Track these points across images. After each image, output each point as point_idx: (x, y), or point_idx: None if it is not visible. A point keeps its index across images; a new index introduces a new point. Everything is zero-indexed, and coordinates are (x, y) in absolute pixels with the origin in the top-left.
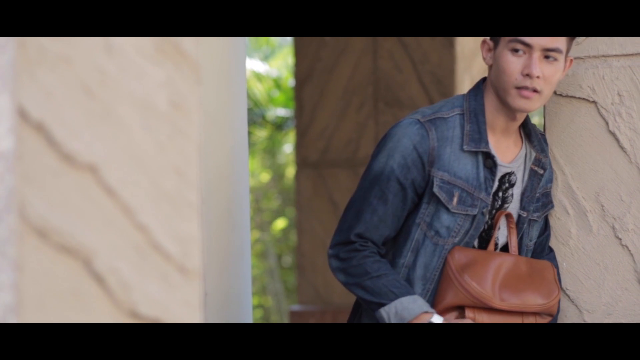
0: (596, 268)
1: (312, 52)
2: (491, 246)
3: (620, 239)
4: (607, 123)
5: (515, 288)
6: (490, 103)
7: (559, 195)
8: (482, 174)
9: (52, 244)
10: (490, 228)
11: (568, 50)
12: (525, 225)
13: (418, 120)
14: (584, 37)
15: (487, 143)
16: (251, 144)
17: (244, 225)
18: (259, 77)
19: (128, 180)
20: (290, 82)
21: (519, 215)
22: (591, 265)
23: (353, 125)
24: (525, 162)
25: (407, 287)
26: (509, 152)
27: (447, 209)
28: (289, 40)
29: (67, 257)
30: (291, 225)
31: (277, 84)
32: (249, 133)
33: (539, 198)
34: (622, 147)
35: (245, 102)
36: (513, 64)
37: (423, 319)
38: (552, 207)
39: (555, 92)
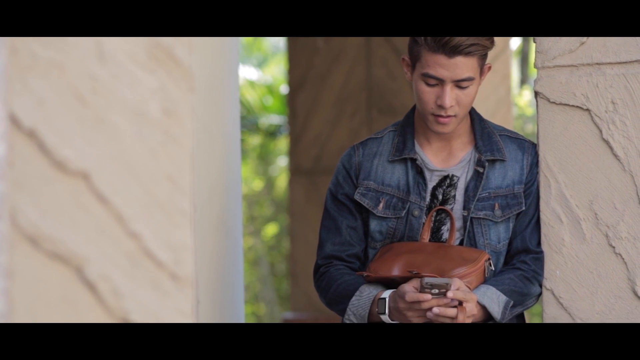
0: (589, 276)
1: (305, 60)
2: (425, 239)
3: (613, 247)
4: (600, 131)
5: (408, 260)
6: (419, 116)
7: (552, 203)
8: (411, 179)
9: (43, 251)
10: (438, 229)
11: (482, 65)
12: (469, 224)
13: (353, 145)
14: (579, 44)
15: (411, 150)
16: (243, 151)
17: (236, 233)
18: (251, 84)
19: (120, 187)
20: (283, 88)
21: (463, 215)
22: (584, 274)
23: (346, 132)
24: (469, 164)
25: (354, 282)
26: (451, 157)
27: (374, 214)
28: (282, 47)
29: (58, 264)
30: (284, 232)
31: (270, 90)
32: (242, 140)
33: (495, 197)
34: (615, 155)
35: (238, 109)
36: (427, 94)
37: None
38: (520, 209)
39: (548, 100)
